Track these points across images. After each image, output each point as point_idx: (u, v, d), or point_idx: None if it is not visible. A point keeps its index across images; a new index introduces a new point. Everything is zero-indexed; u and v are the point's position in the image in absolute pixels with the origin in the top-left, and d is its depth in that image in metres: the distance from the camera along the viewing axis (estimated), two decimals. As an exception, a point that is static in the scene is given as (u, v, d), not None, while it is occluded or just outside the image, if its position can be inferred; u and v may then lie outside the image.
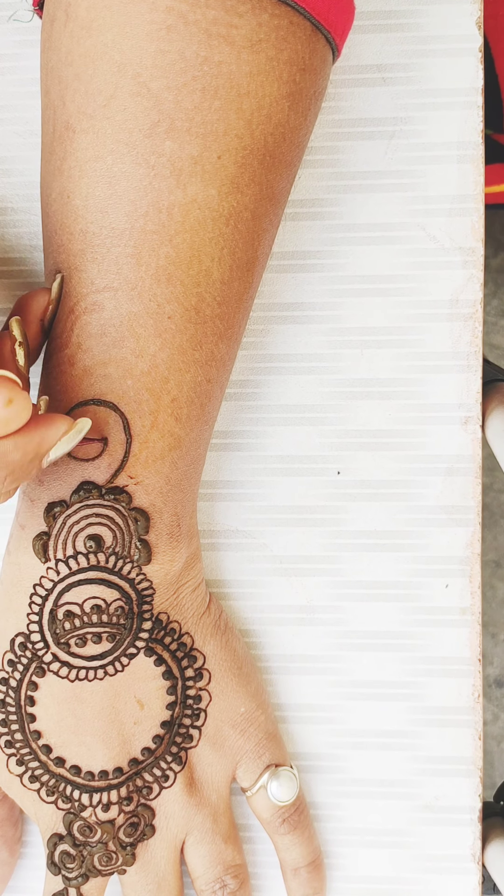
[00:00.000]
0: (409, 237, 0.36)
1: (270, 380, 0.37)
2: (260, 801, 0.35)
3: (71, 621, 0.32)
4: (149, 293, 0.30)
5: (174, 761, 0.34)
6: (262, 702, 0.36)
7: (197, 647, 0.34)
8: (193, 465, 0.33)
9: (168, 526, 0.32)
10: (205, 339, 0.31)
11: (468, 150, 0.36)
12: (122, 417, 0.31)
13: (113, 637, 0.32)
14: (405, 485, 0.37)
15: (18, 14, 0.36)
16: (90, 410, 0.31)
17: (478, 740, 0.37)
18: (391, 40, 0.36)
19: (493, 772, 0.99)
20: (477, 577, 0.37)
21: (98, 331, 0.30)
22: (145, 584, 0.32)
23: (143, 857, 0.34)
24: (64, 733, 0.33)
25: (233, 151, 0.30)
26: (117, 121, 0.29)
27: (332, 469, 0.37)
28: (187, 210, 0.30)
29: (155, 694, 0.33)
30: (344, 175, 0.36)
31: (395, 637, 0.37)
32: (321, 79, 0.31)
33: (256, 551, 0.37)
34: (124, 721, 0.33)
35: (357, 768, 0.37)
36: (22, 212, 0.37)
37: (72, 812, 0.33)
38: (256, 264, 0.32)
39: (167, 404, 0.31)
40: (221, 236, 0.30)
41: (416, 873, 0.37)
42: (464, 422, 0.37)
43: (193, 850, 0.35)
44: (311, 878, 0.36)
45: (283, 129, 0.30)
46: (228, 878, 0.35)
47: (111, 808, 0.33)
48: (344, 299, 0.37)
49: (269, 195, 0.31)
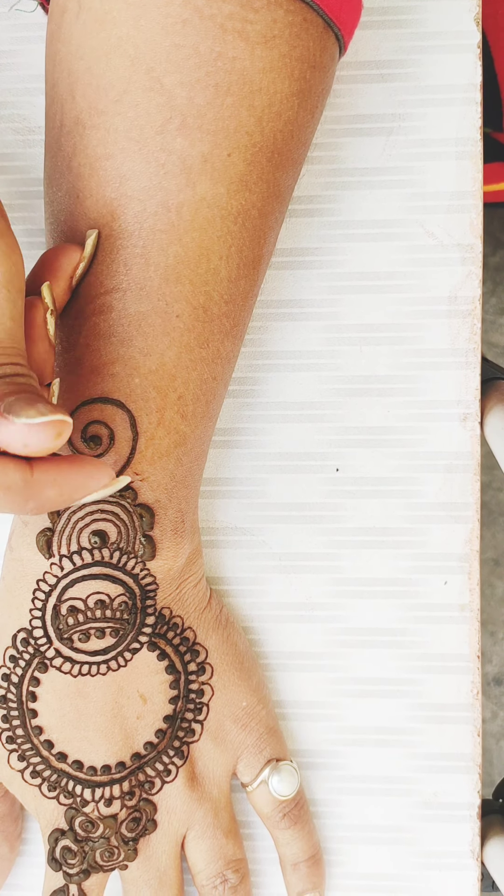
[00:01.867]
0: (407, 234, 0.36)
1: (269, 377, 0.37)
2: (261, 796, 0.35)
3: (74, 616, 0.32)
4: (157, 293, 0.30)
5: (176, 755, 0.34)
6: (263, 696, 0.36)
7: (199, 642, 0.34)
8: (197, 462, 0.33)
9: (172, 522, 0.32)
10: (212, 336, 0.31)
11: (467, 147, 0.36)
12: (129, 415, 0.31)
13: (116, 632, 0.32)
14: (404, 482, 0.37)
15: (21, 4, 0.36)
16: (96, 408, 0.31)
17: (477, 737, 0.37)
18: (390, 37, 0.36)
19: (491, 770, 0.99)
20: (476, 573, 0.37)
21: (106, 331, 0.30)
22: (149, 580, 0.32)
23: (145, 852, 0.34)
24: (66, 729, 0.33)
25: (242, 149, 0.29)
26: (129, 117, 0.29)
27: (331, 466, 0.37)
28: (196, 209, 0.30)
29: (158, 688, 0.33)
30: (342, 172, 0.36)
31: (395, 634, 0.37)
32: (329, 76, 0.31)
33: (256, 548, 0.37)
34: (127, 716, 0.33)
35: (356, 765, 0.37)
36: (20, 209, 0.37)
37: (73, 808, 0.33)
38: (262, 262, 0.32)
39: (174, 402, 0.31)
40: (230, 234, 0.30)
41: (415, 870, 0.37)
42: (462, 419, 0.37)
43: (194, 845, 0.35)
44: (310, 872, 0.36)
45: (292, 126, 0.30)
46: (229, 873, 0.35)
47: (114, 802, 0.33)
48: (342, 296, 0.37)
49: (276, 193, 0.31)
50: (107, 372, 0.31)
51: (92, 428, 0.31)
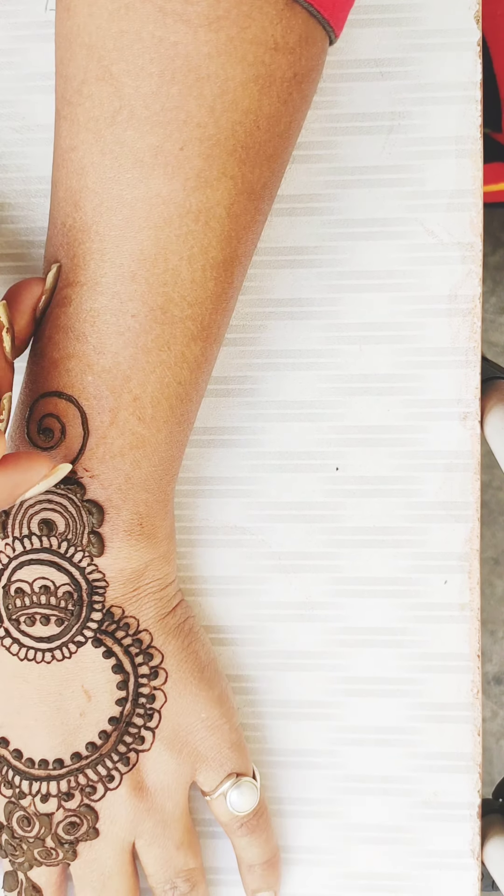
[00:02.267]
0: (407, 232, 0.36)
1: (268, 376, 0.37)
2: (219, 806, 0.35)
3: (21, 598, 0.32)
4: (111, 290, 0.30)
5: (121, 761, 0.33)
6: (226, 710, 0.35)
7: (155, 646, 0.33)
8: (164, 466, 0.32)
9: (126, 523, 0.32)
10: (173, 339, 0.30)
11: (466, 145, 0.36)
12: (81, 412, 0.31)
13: (61, 622, 0.32)
14: (404, 481, 0.37)
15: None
16: (52, 401, 0.31)
17: (477, 736, 0.37)
18: (389, 34, 0.36)
19: (491, 769, 0.99)
20: (476, 572, 0.37)
21: (65, 325, 0.30)
22: (97, 575, 0.32)
23: (87, 855, 0.34)
24: (10, 713, 0.33)
25: (196, 142, 0.28)
26: (87, 108, 0.28)
27: (331, 465, 0.37)
28: (150, 205, 0.29)
29: (103, 687, 0.33)
30: (341, 170, 0.36)
31: (394, 633, 0.37)
32: (304, 59, 0.29)
33: (255, 548, 0.37)
34: (69, 710, 0.33)
35: (356, 764, 0.37)
36: (19, 208, 0.37)
37: (12, 801, 0.33)
38: (236, 264, 0.31)
39: (128, 403, 0.31)
40: (190, 234, 0.29)
41: (415, 869, 0.37)
42: (462, 417, 0.37)
43: (145, 851, 0.34)
44: (265, 874, 0.36)
45: (255, 116, 0.28)
46: (179, 881, 0.34)
47: (50, 800, 0.33)
48: (342, 295, 0.37)
49: (247, 190, 0.29)
50: (63, 367, 0.31)
51: (47, 420, 0.31)
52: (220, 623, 0.37)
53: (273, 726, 0.37)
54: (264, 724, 0.37)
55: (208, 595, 0.37)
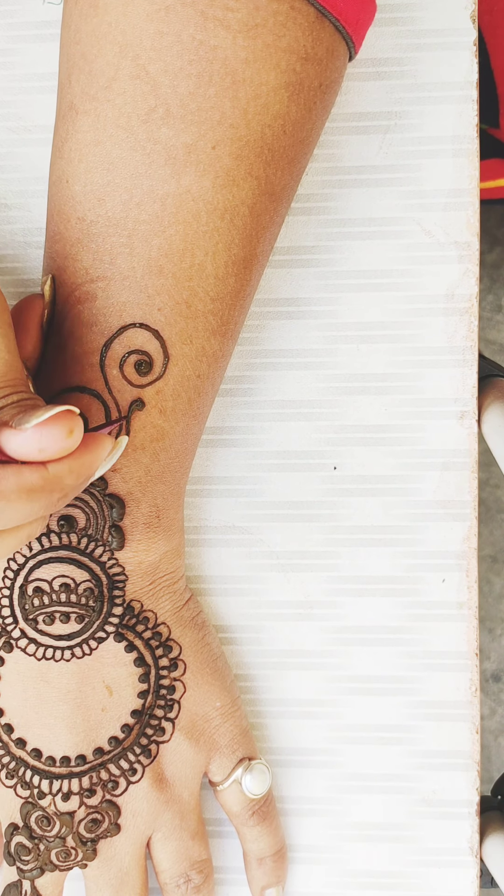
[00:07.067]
0: (404, 232, 0.36)
1: (266, 375, 0.37)
2: (231, 795, 0.35)
3: (40, 598, 0.32)
4: (139, 284, 0.30)
5: (143, 754, 0.33)
6: (235, 698, 0.36)
7: (173, 638, 0.34)
8: (179, 459, 0.33)
9: (145, 516, 0.32)
10: (195, 333, 0.31)
11: (463, 144, 0.36)
12: (105, 406, 0.31)
13: (81, 618, 0.32)
14: (402, 480, 0.37)
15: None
16: (74, 397, 0.31)
17: (475, 734, 0.37)
18: (385, 34, 0.36)
19: (490, 766, 0.99)
20: (474, 571, 0.37)
21: (89, 320, 0.31)
22: (117, 570, 0.32)
23: (106, 852, 0.33)
24: (27, 713, 0.33)
25: (228, 142, 0.29)
26: (117, 104, 0.29)
27: (329, 464, 0.37)
28: (181, 201, 0.29)
29: (125, 681, 0.33)
30: (339, 170, 0.36)
31: (393, 632, 0.37)
32: (328, 71, 0.30)
33: (253, 547, 0.37)
34: (91, 706, 0.33)
35: (355, 762, 0.37)
36: (16, 208, 0.37)
37: (30, 801, 0.33)
38: (255, 262, 0.32)
39: (151, 396, 0.31)
40: (216, 230, 0.30)
41: (414, 867, 0.37)
42: (460, 416, 0.37)
43: (160, 846, 0.34)
44: (275, 867, 0.36)
45: (283, 121, 0.30)
46: (193, 874, 0.34)
47: (72, 798, 0.33)
48: (339, 294, 0.37)
49: (269, 191, 0.31)
50: (87, 361, 0.31)
51: None
52: (220, 622, 0.37)
53: (272, 725, 0.37)
54: (263, 723, 0.37)
55: (208, 594, 0.37)
